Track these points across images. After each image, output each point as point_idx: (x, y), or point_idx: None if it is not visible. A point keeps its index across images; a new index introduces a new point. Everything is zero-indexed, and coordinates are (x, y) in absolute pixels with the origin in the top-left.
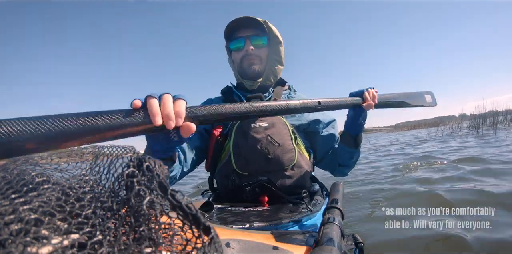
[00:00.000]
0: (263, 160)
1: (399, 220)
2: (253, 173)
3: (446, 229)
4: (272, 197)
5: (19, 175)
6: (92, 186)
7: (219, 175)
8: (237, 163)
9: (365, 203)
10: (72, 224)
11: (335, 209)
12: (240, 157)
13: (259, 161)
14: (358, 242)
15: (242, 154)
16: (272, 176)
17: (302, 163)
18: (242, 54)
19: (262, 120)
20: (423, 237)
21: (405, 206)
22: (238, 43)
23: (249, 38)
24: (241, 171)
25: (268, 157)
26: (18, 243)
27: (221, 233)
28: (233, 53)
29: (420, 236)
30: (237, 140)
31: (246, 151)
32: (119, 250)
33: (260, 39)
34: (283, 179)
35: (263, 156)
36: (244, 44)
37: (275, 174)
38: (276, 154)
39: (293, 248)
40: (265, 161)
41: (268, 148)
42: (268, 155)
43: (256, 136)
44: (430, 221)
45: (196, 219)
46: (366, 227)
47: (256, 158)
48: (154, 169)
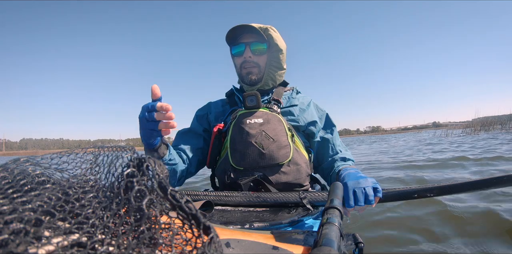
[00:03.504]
0: (257, 155)
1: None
2: (248, 168)
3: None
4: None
5: (20, 174)
6: (92, 185)
7: (218, 171)
8: (233, 158)
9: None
10: (72, 223)
11: (335, 209)
12: (236, 151)
13: (254, 155)
14: (358, 242)
15: (238, 149)
16: (267, 171)
17: (299, 160)
18: (241, 60)
19: (257, 116)
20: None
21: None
22: (238, 48)
23: (249, 44)
24: (237, 165)
25: (262, 151)
26: (19, 243)
27: (221, 233)
28: (235, 58)
29: None
30: (233, 136)
31: (241, 146)
32: (119, 249)
33: (259, 45)
34: (278, 175)
35: (258, 151)
36: (244, 50)
37: (271, 170)
38: (271, 149)
39: (292, 248)
40: (259, 156)
41: (262, 143)
42: (262, 150)
43: (251, 131)
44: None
45: (196, 219)
46: (366, 227)
47: (251, 152)
48: (154, 169)
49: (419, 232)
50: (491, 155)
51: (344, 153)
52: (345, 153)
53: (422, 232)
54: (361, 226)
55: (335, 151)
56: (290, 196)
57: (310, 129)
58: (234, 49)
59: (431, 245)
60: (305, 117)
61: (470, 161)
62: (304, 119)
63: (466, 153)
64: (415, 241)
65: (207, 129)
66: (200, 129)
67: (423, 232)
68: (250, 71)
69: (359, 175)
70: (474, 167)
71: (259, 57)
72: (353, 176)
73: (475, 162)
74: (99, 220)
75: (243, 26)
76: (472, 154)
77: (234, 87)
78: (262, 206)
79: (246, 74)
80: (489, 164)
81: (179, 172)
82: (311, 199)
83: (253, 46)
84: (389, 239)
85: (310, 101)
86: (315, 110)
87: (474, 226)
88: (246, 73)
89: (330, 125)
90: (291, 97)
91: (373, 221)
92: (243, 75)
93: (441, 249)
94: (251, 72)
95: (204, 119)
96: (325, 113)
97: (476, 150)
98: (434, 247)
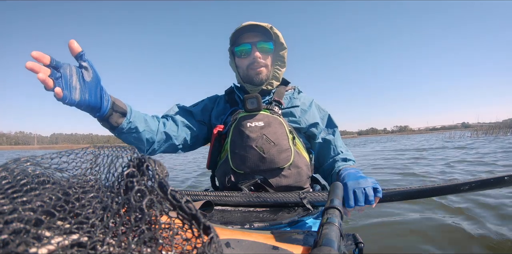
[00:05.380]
0: (258, 159)
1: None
2: (249, 172)
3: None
4: None
5: (20, 174)
6: (92, 185)
7: (219, 173)
8: (233, 162)
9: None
10: (72, 223)
11: (335, 209)
12: (236, 155)
13: (254, 159)
14: (358, 242)
15: (238, 153)
16: (268, 175)
17: (300, 163)
18: (248, 61)
19: (258, 119)
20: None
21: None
22: (244, 47)
23: (256, 44)
24: (237, 169)
25: (263, 155)
26: (19, 243)
27: (221, 233)
28: (238, 58)
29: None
30: (234, 139)
31: (241, 150)
32: (119, 249)
33: (266, 44)
34: (279, 178)
35: (258, 155)
36: (251, 51)
37: (271, 173)
38: (271, 153)
39: (292, 248)
40: (260, 160)
41: (263, 147)
42: (263, 154)
43: (251, 135)
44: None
45: (196, 218)
46: (366, 227)
47: (251, 156)
48: (154, 169)
49: (419, 231)
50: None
51: (345, 154)
52: (346, 154)
53: (422, 231)
54: (361, 226)
55: (337, 151)
56: (290, 196)
57: (311, 130)
58: (239, 51)
59: (431, 245)
60: (307, 119)
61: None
62: (305, 120)
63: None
64: (414, 241)
65: (205, 122)
66: (199, 117)
67: (423, 231)
68: (260, 71)
69: (359, 175)
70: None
71: (266, 57)
72: (353, 176)
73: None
74: (99, 220)
75: (248, 25)
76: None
77: (234, 85)
78: (262, 206)
79: (255, 74)
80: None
81: (148, 140)
82: (311, 199)
83: (260, 45)
84: (389, 239)
85: (311, 102)
86: (317, 111)
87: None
88: (256, 73)
89: (332, 127)
90: (292, 98)
91: (373, 221)
92: (251, 75)
93: (441, 249)
94: (261, 72)
95: (208, 112)
96: (327, 114)
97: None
98: (434, 247)
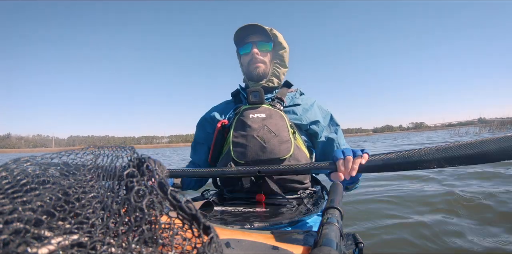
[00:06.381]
0: (259, 148)
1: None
2: (249, 162)
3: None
4: (268, 195)
5: (20, 174)
6: (92, 185)
7: (220, 165)
8: (235, 152)
9: (370, 203)
10: (73, 223)
11: (335, 209)
12: (238, 145)
13: (255, 149)
14: (358, 242)
15: (240, 142)
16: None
17: (300, 156)
18: (249, 57)
19: (260, 111)
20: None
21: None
22: (246, 48)
23: (256, 43)
24: (238, 159)
25: (264, 145)
26: (19, 243)
27: (221, 233)
28: (242, 57)
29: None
30: (236, 129)
31: (243, 139)
32: (120, 249)
33: (265, 45)
34: None
35: (259, 144)
36: (251, 49)
37: (272, 164)
38: (272, 143)
39: (292, 248)
40: (261, 149)
41: (264, 137)
42: (264, 143)
43: (253, 125)
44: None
45: (196, 218)
46: (366, 227)
47: (252, 146)
48: (154, 169)
49: (419, 231)
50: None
51: None
52: None
53: (422, 231)
54: (361, 226)
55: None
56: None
57: (312, 128)
58: (242, 50)
59: (431, 245)
60: (308, 117)
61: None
62: (307, 118)
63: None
64: (414, 241)
65: (210, 132)
66: (203, 135)
67: (423, 231)
68: (258, 66)
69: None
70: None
71: (265, 55)
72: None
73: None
74: (99, 220)
75: (250, 27)
76: None
77: (240, 86)
78: (262, 206)
79: (254, 68)
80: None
81: (192, 185)
82: (311, 199)
83: (259, 45)
84: (389, 239)
85: (314, 102)
86: (318, 110)
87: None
88: (254, 67)
89: (334, 125)
90: (294, 98)
91: (373, 221)
92: (251, 70)
93: (440, 249)
94: (259, 67)
95: (207, 122)
96: (329, 114)
97: None
98: (434, 246)
